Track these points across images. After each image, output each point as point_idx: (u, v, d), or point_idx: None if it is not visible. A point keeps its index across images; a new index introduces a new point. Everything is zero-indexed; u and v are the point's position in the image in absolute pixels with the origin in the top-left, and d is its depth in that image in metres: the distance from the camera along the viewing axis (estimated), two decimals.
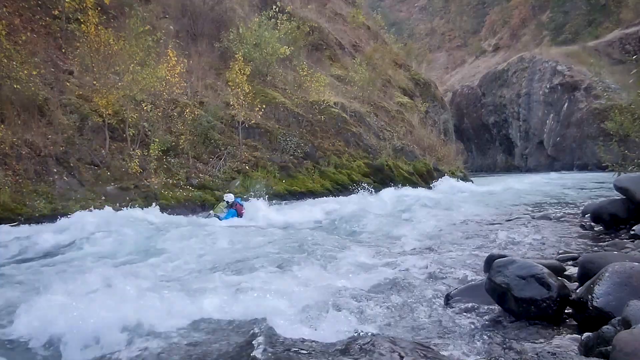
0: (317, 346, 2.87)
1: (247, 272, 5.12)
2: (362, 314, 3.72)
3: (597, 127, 34.56)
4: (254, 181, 14.64)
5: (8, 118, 11.01)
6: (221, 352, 3.03)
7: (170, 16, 19.58)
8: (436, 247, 6.57)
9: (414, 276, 4.85)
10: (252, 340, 2.98)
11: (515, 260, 3.55)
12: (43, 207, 9.94)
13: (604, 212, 6.85)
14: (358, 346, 2.79)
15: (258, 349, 2.83)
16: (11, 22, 12.82)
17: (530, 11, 58.65)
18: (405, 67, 33.05)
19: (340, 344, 2.92)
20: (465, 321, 3.44)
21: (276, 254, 6.41)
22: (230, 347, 3.10)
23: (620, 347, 2.23)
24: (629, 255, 4.33)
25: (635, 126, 13.53)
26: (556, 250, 5.62)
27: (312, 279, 4.85)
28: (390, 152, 20.89)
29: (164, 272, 5.41)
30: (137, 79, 12.56)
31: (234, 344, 3.12)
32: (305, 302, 3.96)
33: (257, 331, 3.13)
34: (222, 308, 3.88)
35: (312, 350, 2.81)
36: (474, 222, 9.15)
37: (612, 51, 41.21)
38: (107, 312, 3.62)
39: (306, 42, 23.69)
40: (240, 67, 15.76)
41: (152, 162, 12.77)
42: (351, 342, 2.91)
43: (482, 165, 50.64)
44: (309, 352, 2.78)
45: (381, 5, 72.82)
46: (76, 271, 5.78)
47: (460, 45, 71.47)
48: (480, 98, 50.93)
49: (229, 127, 16.32)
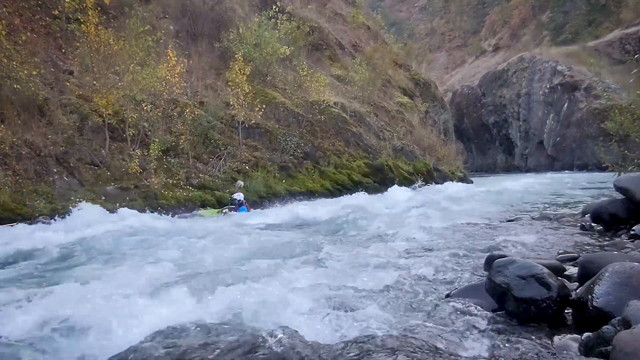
0: (316, 346, 2.87)
1: (247, 272, 5.12)
2: (362, 314, 3.72)
3: (597, 127, 34.60)
4: (254, 181, 14.67)
5: (8, 118, 11.01)
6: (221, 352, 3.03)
7: (170, 16, 19.59)
8: (436, 247, 6.57)
9: (413, 276, 4.84)
10: (251, 340, 2.98)
11: (515, 260, 3.55)
12: (43, 207, 9.94)
13: (604, 212, 6.85)
14: (357, 346, 2.79)
15: (258, 349, 2.83)
16: (11, 22, 12.82)
17: (530, 11, 58.70)
18: (405, 67, 33.09)
19: (339, 344, 2.92)
20: (465, 321, 3.44)
21: (275, 254, 6.41)
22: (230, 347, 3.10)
23: (620, 347, 2.23)
24: (629, 255, 4.33)
25: (635, 126, 13.54)
26: (556, 250, 5.61)
27: (311, 279, 4.84)
28: (390, 152, 20.91)
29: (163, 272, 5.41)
30: (137, 79, 12.56)
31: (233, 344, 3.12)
32: (303, 302, 3.95)
33: (256, 331, 3.13)
34: (222, 308, 3.88)
35: (312, 350, 2.81)
36: (474, 222, 9.15)
37: (612, 51, 41.25)
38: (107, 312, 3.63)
39: (306, 42, 23.71)
40: (240, 67, 15.77)
41: (152, 162, 12.77)
42: (350, 342, 2.91)
43: (482, 165, 50.68)
44: (308, 352, 2.78)
45: (381, 5, 72.89)
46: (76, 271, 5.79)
47: (460, 45, 71.53)
48: (480, 98, 50.96)
49: (229, 127, 16.33)
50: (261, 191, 14.61)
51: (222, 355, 2.93)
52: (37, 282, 5.31)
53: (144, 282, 4.83)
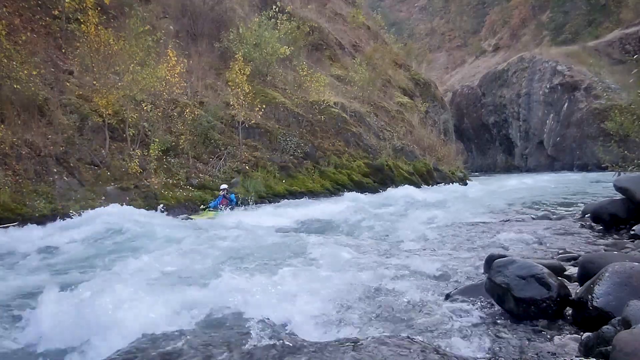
0: (316, 346, 2.87)
1: (247, 273, 5.11)
2: (362, 314, 3.72)
3: (597, 127, 34.56)
4: (254, 181, 14.67)
5: (8, 118, 11.01)
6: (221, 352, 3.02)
7: (170, 16, 19.59)
8: (436, 247, 6.57)
9: (413, 276, 4.84)
10: (251, 340, 2.98)
11: (515, 260, 3.55)
12: (43, 207, 9.93)
13: (604, 212, 6.86)
14: (357, 346, 2.79)
15: (257, 350, 2.83)
16: (11, 22, 12.81)
17: (530, 11, 58.68)
18: (405, 67, 33.08)
19: (339, 344, 2.91)
20: (465, 321, 3.44)
21: (274, 254, 6.41)
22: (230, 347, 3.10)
23: (620, 347, 2.22)
24: (629, 255, 4.33)
25: (635, 126, 13.53)
26: (556, 250, 5.62)
27: (310, 279, 4.84)
28: (390, 152, 20.91)
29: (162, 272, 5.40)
30: (137, 79, 12.56)
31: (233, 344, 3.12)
32: (303, 302, 3.95)
33: (256, 331, 3.13)
34: (221, 308, 3.88)
35: (312, 350, 2.81)
36: (474, 223, 9.15)
37: (612, 51, 41.22)
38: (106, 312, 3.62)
39: (306, 42, 23.71)
40: (240, 67, 15.76)
41: (152, 162, 12.76)
42: (351, 342, 2.91)
43: (482, 165, 50.66)
44: (308, 352, 2.78)
45: (381, 5, 72.88)
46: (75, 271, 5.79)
47: (460, 45, 71.51)
48: (480, 98, 50.93)
49: (229, 127, 16.33)
50: (261, 191, 14.62)
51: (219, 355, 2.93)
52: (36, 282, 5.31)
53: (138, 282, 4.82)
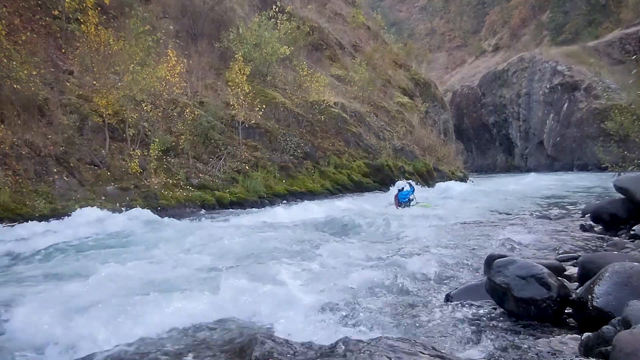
0: (316, 346, 2.87)
1: (246, 272, 5.11)
2: (362, 314, 3.71)
3: (597, 127, 34.53)
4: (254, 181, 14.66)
5: (8, 118, 11.01)
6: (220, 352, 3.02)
7: (170, 16, 19.58)
8: (436, 247, 6.57)
9: (414, 276, 4.84)
10: (251, 340, 2.97)
11: (515, 260, 3.55)
12: (43, 207, 9.93)
13: (604, 212, 6.85)
14: (357, 346, 2.79)
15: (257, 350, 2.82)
16: (11, 22, 12.81)
17: (530, 11, 58.63)
18: (405, 67, 33.04)
19: (339, 344, 2.91)
20: (465, 321, 3.44)
21: (273, 254, 6.41)
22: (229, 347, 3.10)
23: (620, 347, 2.22)
24: (629, 255, 4.32)
25: (635, 126, 13.55)
26: (556, 250, 5.62)
27: (310, 279, 4.84)
28: (390, 152, 20.90)
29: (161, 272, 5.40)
30: (137, 79, 12.55)
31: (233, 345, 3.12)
32: (303, 303, 3.95)
33: (255, 331, 3.13)
34: (221, 308, 3.88)
35: (312, 350, 2.81)
36: (474, 223, 9.15)
37: (612, 51, 41.18)
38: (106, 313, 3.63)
39: (306, 42, 23.69)
40: (240, 67, 15.76)
41: (152, 162, 12.76)
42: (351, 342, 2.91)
43: (482, 165, 50.62)
44: (308, 352, 2.78)
45: (381, 5, 72.87)
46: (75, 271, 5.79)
47: (460, 45, 71.46)
48: (480, 98, 50.90)
49: (229, 127, 16.32)
50: (261, 191, 14.61)
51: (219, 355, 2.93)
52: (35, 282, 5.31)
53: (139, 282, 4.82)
